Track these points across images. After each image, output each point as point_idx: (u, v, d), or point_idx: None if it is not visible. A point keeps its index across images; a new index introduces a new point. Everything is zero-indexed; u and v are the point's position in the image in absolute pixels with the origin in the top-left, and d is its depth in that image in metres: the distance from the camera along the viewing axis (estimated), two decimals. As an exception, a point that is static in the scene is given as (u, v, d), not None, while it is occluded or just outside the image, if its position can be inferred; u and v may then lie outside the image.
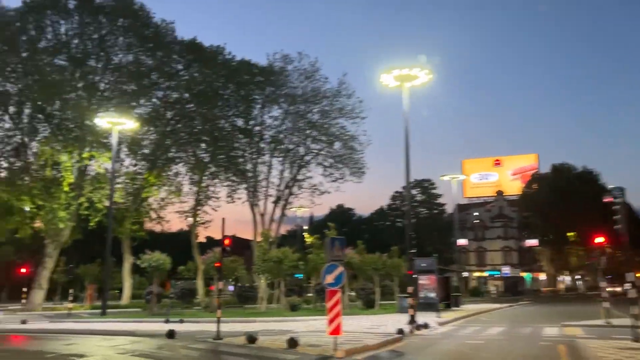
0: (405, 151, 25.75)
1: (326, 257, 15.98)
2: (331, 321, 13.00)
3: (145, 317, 30.18)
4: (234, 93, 46.54)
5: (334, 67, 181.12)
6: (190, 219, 46.06)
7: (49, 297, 45.47)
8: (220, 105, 46.23)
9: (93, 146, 37.00)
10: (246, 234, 68.70)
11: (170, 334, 17.97)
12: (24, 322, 27.70)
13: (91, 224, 39.43)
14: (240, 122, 47.97)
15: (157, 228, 51.18)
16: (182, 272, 45.41)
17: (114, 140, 35.15)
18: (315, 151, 49.03)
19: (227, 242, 18.31)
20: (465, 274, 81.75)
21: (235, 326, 22.74)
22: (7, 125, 39.34)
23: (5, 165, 38.35)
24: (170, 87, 45.21)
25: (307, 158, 49.13)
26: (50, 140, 36.26)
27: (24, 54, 38.92)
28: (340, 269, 13.16)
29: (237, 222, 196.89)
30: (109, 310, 34.55)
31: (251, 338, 15.36)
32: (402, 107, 26.21)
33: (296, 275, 49.57)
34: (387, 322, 23.69)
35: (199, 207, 46.31)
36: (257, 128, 48.51)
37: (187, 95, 45.45)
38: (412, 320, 21.20)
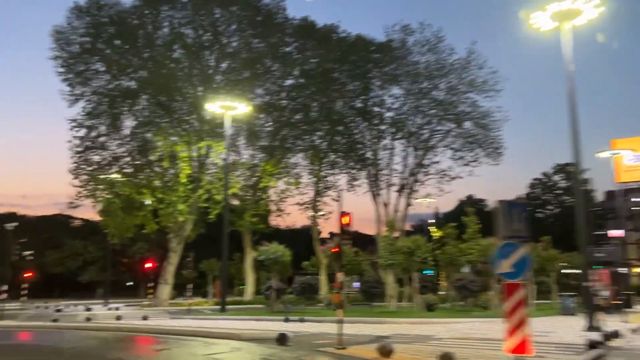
0: (571, 117, 19.86)
1: (499, 232, 10.69)
2: (512, 332, 8.46)
3: (265, 315, 27.79)
4: (350, 73, 43.04)
5: (461, 36, 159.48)
6: (310, 212, 43.54)
7: (180, 292, 45.80)
8: (336, 88, 43.03)
9: (209, 136, 35.70)
10: (369, 230, 65.02)
11: (282, 339, 14.44)
12: (145, 318, 26.78)
13: (210, 216, 38.30)
14: (358, 104, 44.39)
15: (279, 222, 49.52)
16: (307, 267, 43.46)
17: (227, 124, 33.43)
18: (442, 133, 43.88)
19: (346, 219, 14.39)
20: (623, 270, 70.25)
21: (361, 328, 19.00)
22: (131, 123, 39.70)
23: (129, 161, 38.53)
24: (284, 73, 42.99)
25: (433, 141, 44.14)
26: (167, 132, 35.52)
27: (143, 50, 38.87)
28: (523, 250, 8.53)
29: (360, 219, 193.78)
30: (230, 307, 32.99)
31: (384, 350, 11.28)
32: (557, 59, 20.42)
33: (426, 272, 44.88)
34: (556, 329, 18.33)
35: (318, 199, 43.57)
36: (377, 109, 44.59)
37: (302, 80, 42.94)
38: (596, 327, 15.76)
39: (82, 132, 38.01)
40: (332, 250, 25.94)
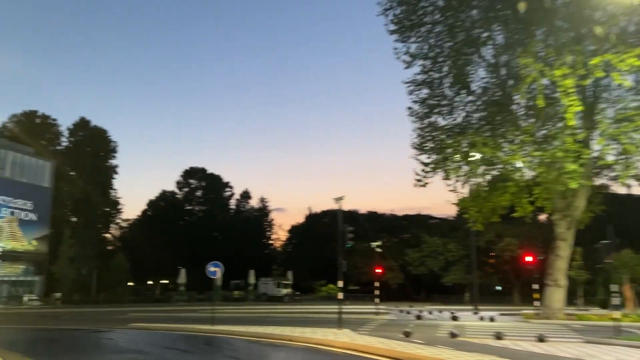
0: None
1: None
2: None
3: None
4: None
5: None
6: None
7: (569, 298, 32.92)
8: None
9: (604, 48, 21.98)
10: None
11: None
12: (541, 339, 15.88)
13: (621, 180, 24.12)
14: None
15: None
16: None
17: None
18: None
19: None
20: None
21: None
22: (482, 73, 29.71)
23: (484, 115, 28.34)
24: None
25: None
26: (539, 48, 23.31)
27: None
28: None
29: None
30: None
31: None
32: None
33: None
34: None
35: None
36: None
37: None
38: None
39: (423, 92, 30.19)
40: None
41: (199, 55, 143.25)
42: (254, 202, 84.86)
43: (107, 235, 79.42)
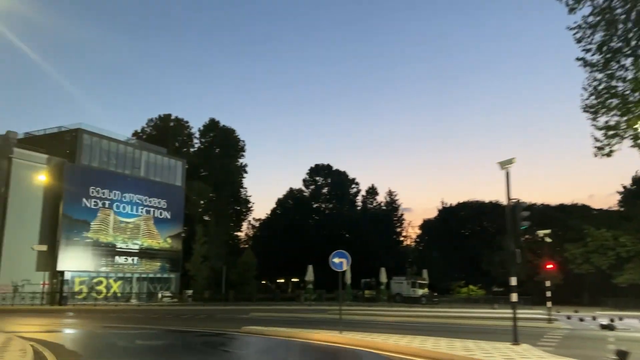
0: None
1: None
2: None
3: None
4: None
5: None
6: None
7: None
8: None
9: None
10: None
11: None
12: None
13: None
14: None
15: None
16: None
17: None
18: None
19: None
20: None
21: None
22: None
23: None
24: None
25: None
26: None
27: None
28: None
29: None
30: None
31: None
32: None
33: None
34: None
35: None
36: None
37: None
38: None
39: (597, 37, 23.26)
40: None
41: (321, 54, 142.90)
42: (380, 199, 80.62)
43: (239, 233, 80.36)
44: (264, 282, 70.33)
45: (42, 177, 42.42)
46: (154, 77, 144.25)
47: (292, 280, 76.60)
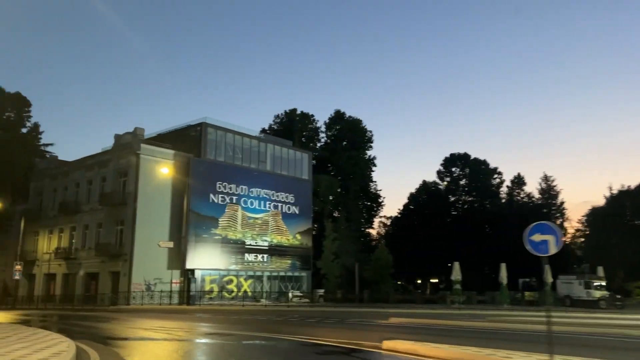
0: None
1: None
2: None
3: None
4: None
5: None
6: None
7: None
8: None
9: None
10: None
11: None
12: None
13: None
14: None
15: None
16: None
17: None
18: None
19: None
20: None
21: None
22: None
23: None
24: None
25: None
26: None
27: None
28: None
29: None
30: None
31: None
32: None
33: None
34: None
35: None
36: None
37: None
38: None
39: None
40: None
41: (461, 42, 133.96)
42: (528, 189, 70.56)
43: (370, 230, 75.86)
44: (399, 282, 65.00)
45: (165, 170, 41.40)
46: (280, 73, 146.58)
47: (431, 280, 70.23)
